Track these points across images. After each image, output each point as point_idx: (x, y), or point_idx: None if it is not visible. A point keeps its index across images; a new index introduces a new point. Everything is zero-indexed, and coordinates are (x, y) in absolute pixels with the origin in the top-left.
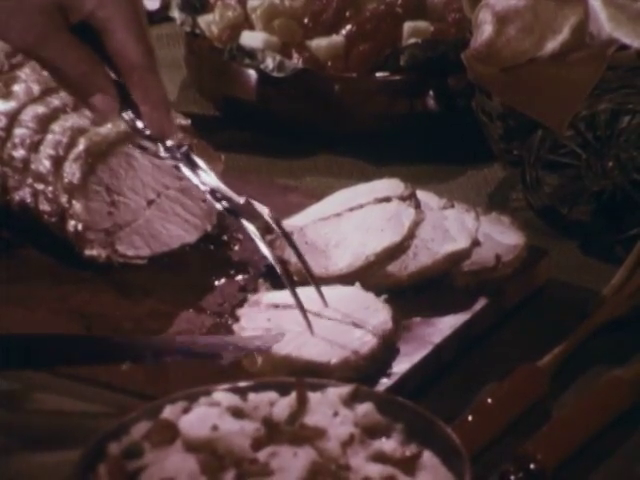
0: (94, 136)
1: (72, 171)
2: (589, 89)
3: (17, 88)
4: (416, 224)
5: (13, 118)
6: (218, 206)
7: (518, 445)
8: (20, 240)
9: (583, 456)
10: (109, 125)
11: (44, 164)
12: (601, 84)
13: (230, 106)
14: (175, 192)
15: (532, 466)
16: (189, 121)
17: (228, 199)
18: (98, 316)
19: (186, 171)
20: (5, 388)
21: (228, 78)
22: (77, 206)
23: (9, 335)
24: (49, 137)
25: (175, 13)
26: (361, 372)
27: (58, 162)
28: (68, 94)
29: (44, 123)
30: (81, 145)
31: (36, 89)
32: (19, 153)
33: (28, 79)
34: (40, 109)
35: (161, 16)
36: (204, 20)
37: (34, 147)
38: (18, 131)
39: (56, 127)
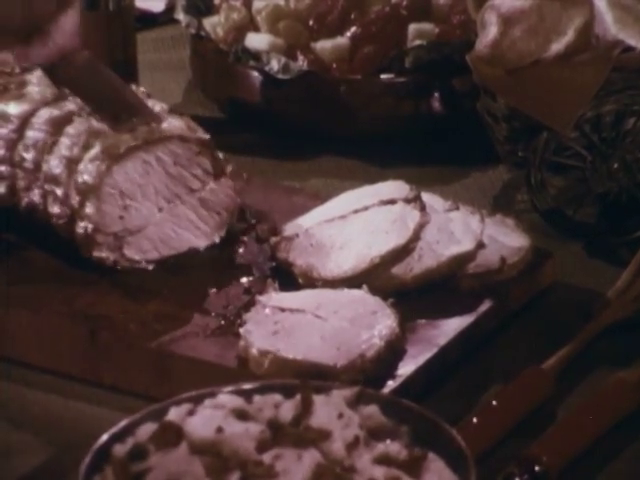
0: (111, 138)
1: (88, 171)
2: (594, 91)
3: (29, 91)
4: (421, 226)
5: (25, 120)
6: None
7: (523, 447)
8: (26, 242)
9: (588, 458)
10: (127, 134)
11: (57, 165)
12: (606, 86)
13: (235, 108)
14: (190, 200)
15: (537, 468)
16: (208, 136)
17: None
18: (103, 318)
19: None
20: (6, 388)
21: (233, 80)
22: (89, 207)
23: None
24: (64, 139)
25: (180, 15)
26: (367, 375)
27: (72, 163)
28: None
29: (58, 126)
30: (97, 147)
31: (49, 92)
32: (30, 155)
33: (40, 82)
34: (54, 112)
35: (166, 18)
36: (209, 22)
37: (48, 149)
38: (30, 133)
39: (71, 130)
